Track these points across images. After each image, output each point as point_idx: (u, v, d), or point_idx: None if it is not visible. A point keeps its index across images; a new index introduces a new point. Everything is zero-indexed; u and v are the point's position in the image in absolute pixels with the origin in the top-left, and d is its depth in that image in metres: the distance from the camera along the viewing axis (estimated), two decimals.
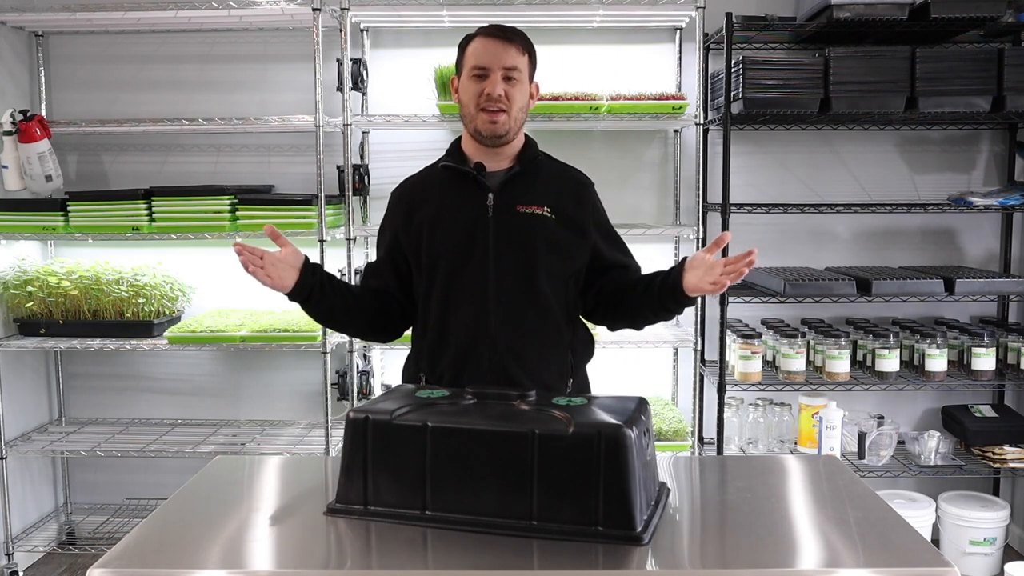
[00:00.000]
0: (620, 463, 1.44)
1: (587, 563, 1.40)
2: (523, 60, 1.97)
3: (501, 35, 1.95)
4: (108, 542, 3.49)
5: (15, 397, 3.46)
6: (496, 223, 1.96)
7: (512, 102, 1.94)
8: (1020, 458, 3.31)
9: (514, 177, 2.00)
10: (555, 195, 2.01)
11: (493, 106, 1.93)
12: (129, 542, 1.48)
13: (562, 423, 1.49)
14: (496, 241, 1.95)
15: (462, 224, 1.97)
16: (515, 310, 1.95)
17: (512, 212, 1.97)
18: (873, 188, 3.58)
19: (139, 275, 3.40)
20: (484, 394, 1.65)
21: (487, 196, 1.97)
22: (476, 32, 2.00)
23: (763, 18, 3.19)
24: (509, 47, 1.94)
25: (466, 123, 2.00)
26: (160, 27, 3.51)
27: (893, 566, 1.37)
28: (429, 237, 1.99)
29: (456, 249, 1.96)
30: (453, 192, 2.01)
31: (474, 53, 1.96)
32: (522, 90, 1.97)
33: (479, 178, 1.99)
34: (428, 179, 2.08)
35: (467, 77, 1.97)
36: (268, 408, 3.71)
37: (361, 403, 1.64)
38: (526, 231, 1.96)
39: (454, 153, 2.06)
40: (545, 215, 1.98)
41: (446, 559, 1.44)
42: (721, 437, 3.29)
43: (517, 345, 1.95)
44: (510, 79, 1.94)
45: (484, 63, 1.93)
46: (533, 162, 2.04)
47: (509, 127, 1.96)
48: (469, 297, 1.95)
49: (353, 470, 1.56)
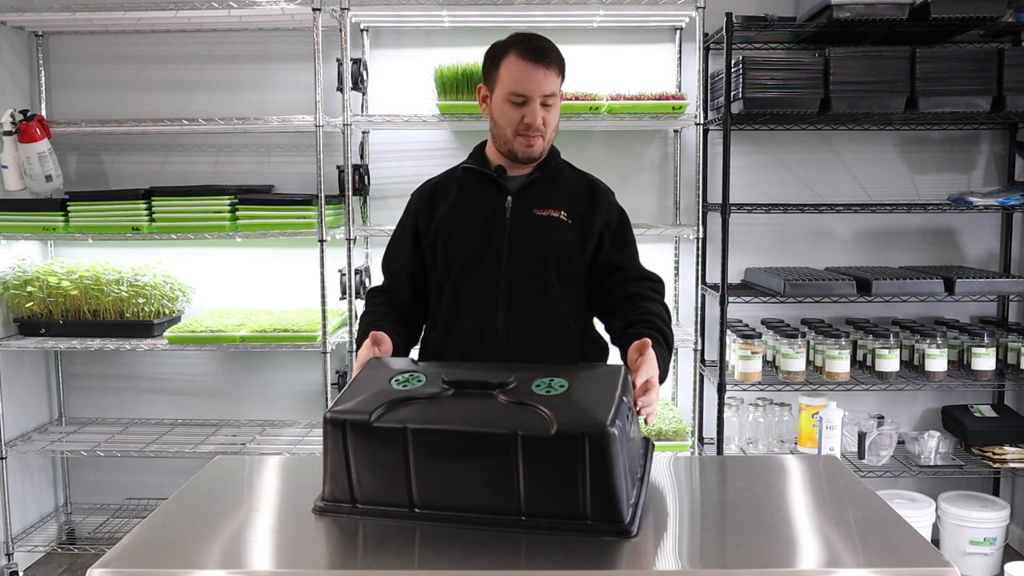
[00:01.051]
0: (605, 462, 1.42)
1: (580, 562, 1.39)
2: (558, 81, 1.96)
3: (539, 60, 1.91)
4: (108, 542, 3.49)
5: (15, 397, 3.46)
6: (512, 224, 1.97)
7: (547, 126, 1.95)
8: (1020, 458, 3.31)
9: (534, 182, 2.01)
10: (572, 199, 2.02)
11: (532, 132, 1.94)
12: (129, 542, 1.47)
13: (544, 422, 1.45)
14: (511, 242, 1.96)
15: (479, 224, 1.98)
16: (523, 310, 1.94)
17: (528, 214, 1.97)
18: (873, 188, 3.58)
19: (139, 275, 3.40)
20: (462, 383, 1.57)
21: (506, 198, 1.98)
22: (510, 46, 1.94)
23: (763, 18, 3.19)
24: (548, 72, 1.92)
25: (499, 142, 2.00)
26: (160, 27, 3.51)
27: (893, 566, 1.37)
28: (446, 234, 1.99)
29: (471, 248, 1.97)
30: (473, 193, 2.02)
31: (513, 79, 1.92)
32: (556, 112, 1.98)
33: (499, 181, 2.00)
34: (449, 180, 2.09)
35: (503, 100, 1.94)
36: (268, 408, 3.71)
37: (338, 398, 1.60)
38: (541, 234, 1.96)
39: (477, 157, 2.07)
40: (561, 218, 1.98)
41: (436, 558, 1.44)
42: (721, 437, 3.29)
43: (522, 344, 1.94)
44: (547, 104, 1.94)
45: (524, 91, 1.91)
46: (554, 169, 2.04)
47: (544, 148, 1.99)
48: (479, 295, 1.95)
49: (337, 470, 1.54)
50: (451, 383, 1.57)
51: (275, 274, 3.64)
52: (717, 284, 3.28)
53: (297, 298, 3.62)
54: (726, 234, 3.22)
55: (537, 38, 1.96)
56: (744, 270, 3.59)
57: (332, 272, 3.25)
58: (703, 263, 3.35)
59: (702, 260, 3.33)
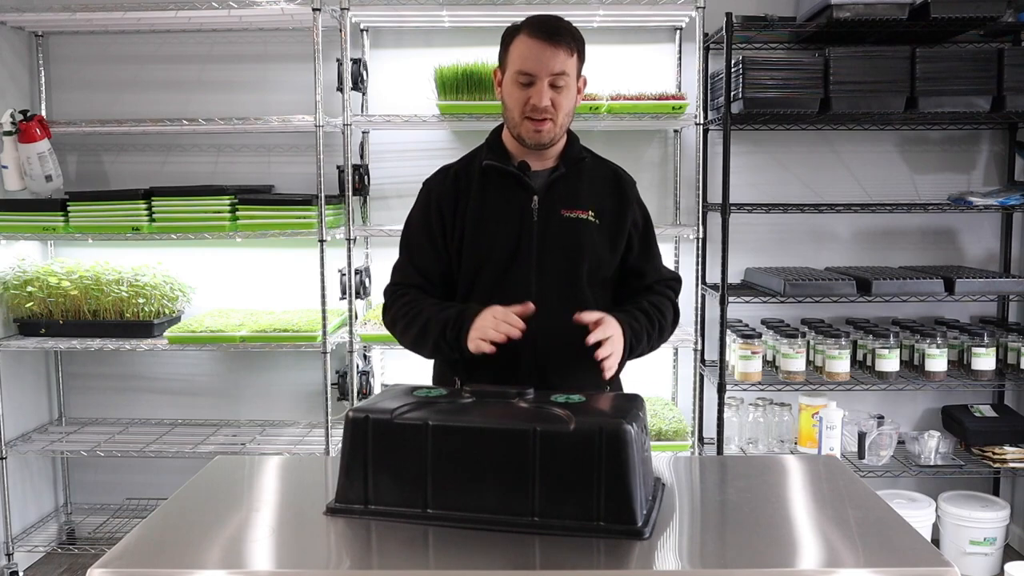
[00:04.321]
0: (621, 459, 1.45)
1: (589, 562, 1.40)
2: (571, 62, 1.86)
3: (547, 38, 1.83)
4: (108, 542, 3.49)
5: (15, 397, 3.46)
6: (540, 227, 1.91)
7: (558, 109, 1.86)
8: (1020, 458, 3.31)
9: (558, 179, 1.95)
10: (599, 197, 1.97)
11: (539, 115, 1.86)
12: (129, 542, 1.47)
13: (563, 420, 1.50)
14: (540, 246, 1.91)
15: (506, 228, 1.91)
16: (556, 315, 1.87)
17: (557, 216, 1.92)
18: (873, 188, 3.58)
19: (139, 275, 3.40)
20: (483, 392, 1.65)
21: (531, 198, 1.93)
22: (522, 26, 1.88)
23: (763, 18, 3.19)
24: (557, 51, 1.83)
25: (509, 126, 1.94)
26: (160, 27, 3.51)
27: (893, 566, 1.37)
28: (472, 235, 1.93)
29: (501, 254, 1.91)
30: (496, 189, 1.95)
31: (520, 56, 1.85)
32: (569, 95, 1.88)
33: (524, 178, 1.93)
34: (470, 171, 1.99)
35: (511, 81, 1.87)
36: (268, 408, 3.71)
37: (360, 402, 1.64)
38: (570, 236, 1.92)
39: (496, 148, 1.98)
40: (589, 219, 1.94)
41: (447, 558, 1.44)
42: (721, 437, 3.29)
43: (557, 350, 1.89)
44: (556, 86, 1.85)
45: (530, 69, 1.84)
46: (577, 162, 1.98)
47: (555, 134, 1.90)
48: (512, 302, 1.85)
49: (353, 469, 1.56)
50: (473, 392, 1.65)
51: (275, 274, 3.64)
52: (717, 284, 3.28)
53: (297, 298, 3.62)
54: (726, 234, 3.22)
55: (553, 18, 1.88)
56: (744, 270, 3.59)
57: (332, 272, 3.25)
58: (703, 263, 3.35)
59: (702, 260, 3.33)
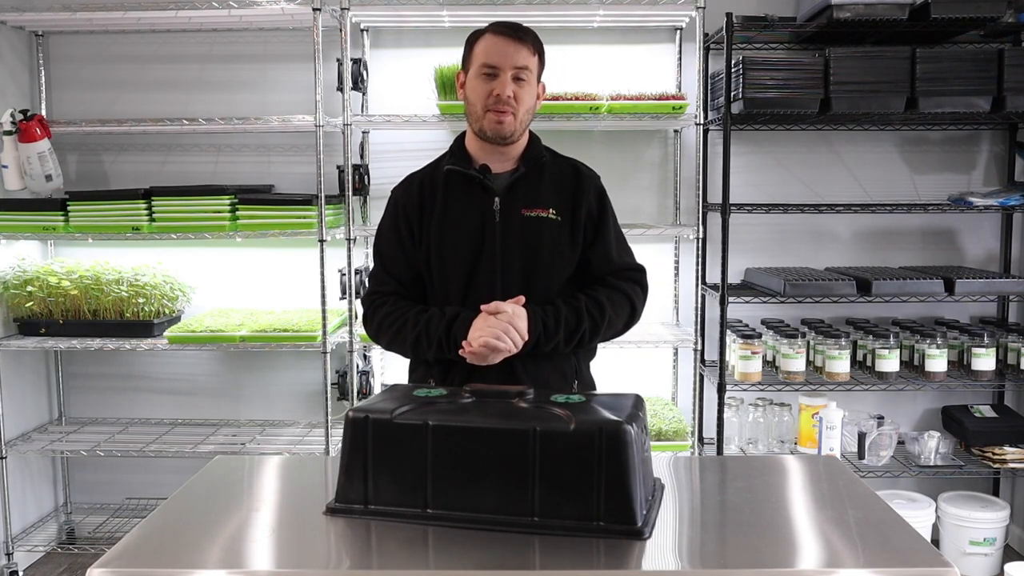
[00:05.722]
0: (621, 459, 1.45)
1: (589, 562, 1.40)
2: (533, 60, 1.95)
3: (512, 34, 1.93)
4: (108, 542, 3.49)
5: (15, 397, 3.46)
6: (502, 228, 1.95)
7: (520, 103, 1.93)
8: (1020, 458, 3.31)
9: (519, 180, 1.99)
10: (559, 194, 2.00)
11: (501, 107, 1.91)
12: (129, 542, 1.47)
13: (563, 420, 1.50)
14: (503, 246, 1.95)
15: (469, 230, 1.96)
16: None
17: (518, 216, 1.96)
18: (873, 188, 3.58)
19: (139, 275, 3.40)
20: (483, 392, 1.65)
21: (493, 200, 1.97)
22: (486, 29, 1.97)
23: (763, 18, 3.19)
24: (520, 46, 1.92)
25: (471, 121, 1.99)
26: (160, 27, 3.51)
27: (893, 566, 1.37)
28: (437, 239, 1.97)
29: (466, 256, 1.95)
30: (459, 194, 1.99)
31: (484, 51, 1.93)
32: (530, 91, 1.96)
33: (484, 181, 1.98)
34: (434, 178, 2.04)
35: (475, 75, 1.95)
36: (268, 408, 3.71)
37: (360, 403, 1.64)
38: (531, 236, 1.96)
39: (458, 153, 2.04)
40: (550, 217, 1.97)
41: (447, 558, 1.44)
42: (721, 437, 3.29)
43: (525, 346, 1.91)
44: (519, 79, 1.92)
45: (494, 62, 1.91)
46: (538, 162, 2.02)
47: (515, 128, 1.95)
48: (479, 302, 1.91)
49: (353, 469, 1.56)
50: (473, 393, 1.65)
51: (275, 274, 3.64)
52: (717, 284, 3.28)
53: (297, 298, 3.62)
54: (726, 234, 3.22)
55: (514, 23, 1.96)
56: (744, 270, 3.59)
57: (332, 272, 3.25)
58: (703, 263, 3.35)
59: (702, 260, 3.33)
